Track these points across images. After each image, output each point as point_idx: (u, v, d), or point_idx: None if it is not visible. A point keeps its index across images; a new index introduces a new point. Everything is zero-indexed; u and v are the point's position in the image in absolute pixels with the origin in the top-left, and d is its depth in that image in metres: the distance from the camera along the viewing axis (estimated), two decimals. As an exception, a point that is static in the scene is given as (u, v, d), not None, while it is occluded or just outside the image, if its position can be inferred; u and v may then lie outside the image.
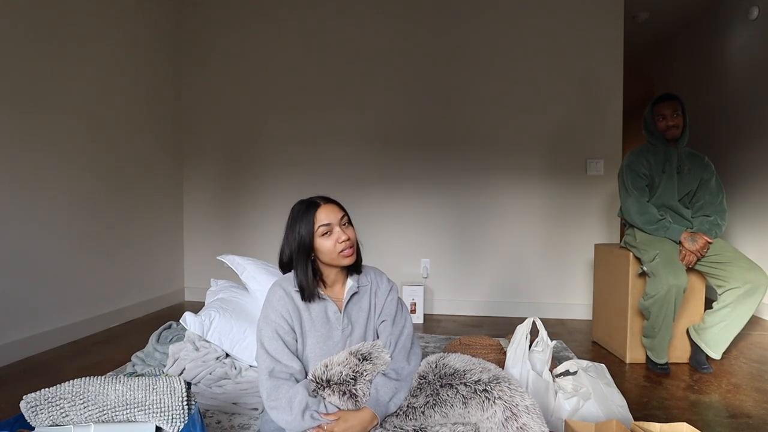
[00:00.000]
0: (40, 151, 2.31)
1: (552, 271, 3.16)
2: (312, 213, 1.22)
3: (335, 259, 1.22)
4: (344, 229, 1.23)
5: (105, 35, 2.73)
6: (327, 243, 1.21)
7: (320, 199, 1.25)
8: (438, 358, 1.22)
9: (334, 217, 1.22)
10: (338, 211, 1.24)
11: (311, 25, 3.33)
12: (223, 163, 3.47)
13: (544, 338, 1.44)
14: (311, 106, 3.35)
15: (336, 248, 1.21)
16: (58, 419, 1.04)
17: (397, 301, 1.33)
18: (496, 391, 1.08)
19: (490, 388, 1.09)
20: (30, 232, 2.25)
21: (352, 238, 1.24)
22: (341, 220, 1.23)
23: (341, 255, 1.21)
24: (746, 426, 1.57)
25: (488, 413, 1.07)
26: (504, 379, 1.11)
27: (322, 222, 1.21)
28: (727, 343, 2.03)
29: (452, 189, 3.23)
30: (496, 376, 1.12)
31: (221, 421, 1.54)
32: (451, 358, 1.20)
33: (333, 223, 1.21)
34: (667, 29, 4.32)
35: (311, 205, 1.24)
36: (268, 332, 1.20)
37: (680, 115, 2.16)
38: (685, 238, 2.05)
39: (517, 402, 1.06)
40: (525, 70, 3.14)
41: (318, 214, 1.22)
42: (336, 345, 1.24)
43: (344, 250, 1.21)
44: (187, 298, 3.55)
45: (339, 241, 1.21)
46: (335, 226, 1.22)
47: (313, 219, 1.21)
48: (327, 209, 1.23)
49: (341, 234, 1.21)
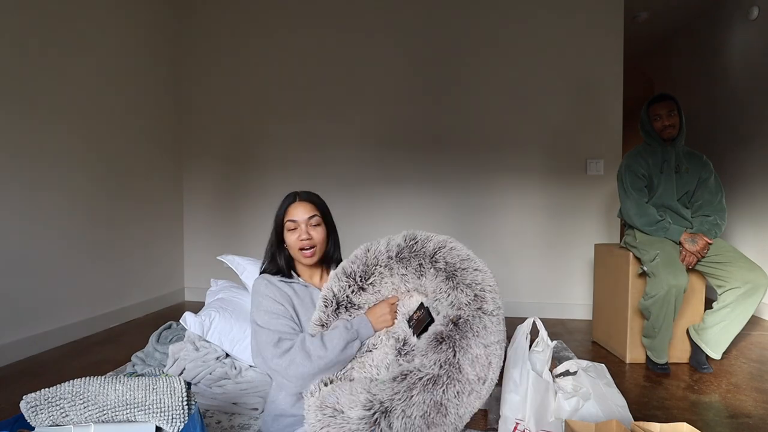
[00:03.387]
0: (41, 152, 2.31)
1: (552, 271, 3.16)
2: (285, 206, 1.30)
3: (296, 254, 1.29)
4: (310, 228, 1.27)
5: (105, 38, 2.73)
6: (291, 238, 1.29)
7: (299, 195, 1.31)
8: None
9: (301, 216, 1.27)
10: (309, 210, 1.29)
11: (311, 26, 3.33)
12: (223, 164, 3.47)
13: (544, 338, 1.44)
14: (311, 106, 3.35)
15: (296, 245, 1.27)
16: (58, 419, 1.04)
17: None
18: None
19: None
20: (30, 233, 2.25)
21: (315, 239, 1.28)
22: (309, 219, 1.28)
23: (301, 253, 1.28)
24: (746, 426, 1.57)
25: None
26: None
27: (289, 217, 1.29)
28: (727, 343, 2.03)
29: (452, 189, 3.23)
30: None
31: (221, 421, 1.54)
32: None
33: (299, 221, 1.27)
34: (667, 29, 4.32)
35: (289, 198, 1.31)
36: (263, 317, 1.21)
37: (676, 114, 2.16)
38: (685, 239, 2.05)
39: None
40: (525, 70, 3.14)
41: (289, 209, 1.29)
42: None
43: (303, 249, 1.27)
44: (187, 298, 3.55)
45: (299, 239, 1.26)
46: (301, 224, 1.27)
47: (284, 212, 1.29)
48: (298, 206, 1.29)
49: (303, 233, 1.26)
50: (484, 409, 1.48)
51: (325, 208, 1.34)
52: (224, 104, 3.45)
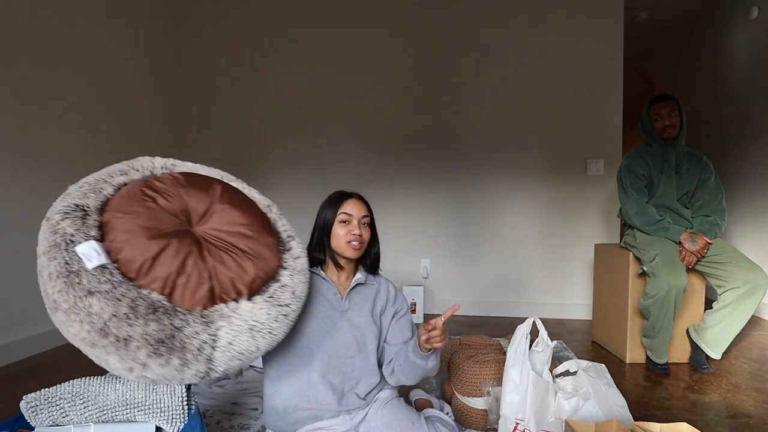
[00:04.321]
0: (40, 151, 2.31)
1: (552, 271, 3.16)
2: (340, 201, 1.35)
3: (342, 246, 1.32)
4: (362, 226, 1.33)
5: (105, 35, 2.73)
6: (341, 230, 1.32)
7: (353, 194, 1.37)
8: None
9: (356, 212, 1.33)
10: (364, 210, 1.35)
11: (312, 25, 3.33)
12: (223, 163, 3.42)
13: (544, 338, 1.44)
14: (312, 106, 3.35)
15: (346, 237, 1.30)
16: (58, 419, 1.04)
17: (407, 307, 1.46)
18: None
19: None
20: (30, 232, 2.23)
21: (365, 237, 1.33)
22: (363, 218, 1.34)
23: (348, 245, 1.31)
24: (746, 426, 1.57)
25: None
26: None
27: (345, 210, 1.33)
28: (727, 343, 2.03)
29: (452, 189, 3.23)
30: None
31: (221, 421, 1.54)
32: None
33: (354, 216, 1.33)
34: (667, 29, 4.32)
35: (343, 195, 1.36)
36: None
37: (676, 114, 2.16)
38: (685, 239, 2.05)
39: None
40: (525, 70, 3.14)
41: (345, 203, 1.34)
42: (334, 325, 1.30)
43: (352, 241, 1.31)
44: (187, 298, 3.54)
45: (351, 233, 1.31)
46: (354, 220, 1.32)
47: (339, 205, 1.34)
48: (354, 203, 1.34)
49: (356, 228, 1.31)
50: (484, 409, 1.48)
51: (373, 215, 1.40)
52: (225, 104, 3.45)
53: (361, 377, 1.29)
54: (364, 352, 1.31)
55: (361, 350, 1.30)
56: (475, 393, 1.49)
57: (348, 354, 1.29)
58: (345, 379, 1.27)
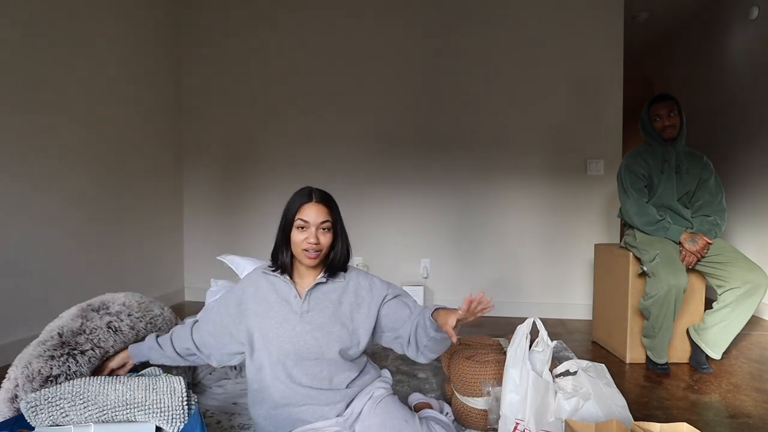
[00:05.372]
0: (39, 150, 2.30)
1: (552, 271, 3.16)
2: (299, 204, 1.27)
3: (299, 254, 1.27)
4: (320, 233, 1.26)
5: (105, 34, 2.73)
6: (298, 237, 1.26)
7: (315, 196, 1.28)
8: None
9: (314, 218, 1.25)
10: (323, 215, 1.26)
11: (312, 25, 3.33)
12: (223, 163, 3.47)
13: (544, 338, 1.44)
14: (311, 106, 3.35)
15: (302, 245, 1.25)
16: (58, 419, 1.04)
17: (392, 288, 1.39)
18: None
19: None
20: (29, 232, 2.25)
21: (322, 244, 1.26)
22: (321, 224, 1.26)
23: (303, 253, 1.25)
24: (746, 426, 1.57)
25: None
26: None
27: (301, 217, 1.25)
28: (727, 343, 2.03)
29: (452, 189, 3.23)
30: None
31: (221, 421, 1.54)
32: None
33: (311, 223, 1.25)
34: (667, 29, 4.32)
35: (303, 195, 1.28)
36: (207, 312, 1.42)
37: (676, 114, 2.16)
38: (685, 239, 2.05)
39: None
40: (525, 70, 3.14)
41: (302, 208, 1.26)
42: (293, 328, 1.25)
43: (308, 250, 1.25)
44: (187, 298, 3.55)
45: (307, 241, 1.24)
46: (311, 227, 1.25)
47: (296, 210, 1.26)
48: (313, 208, 1.26)
49: (312, 236, 1.24)
50: (484, 409, 1.48)
51: (338, 214, 1.32)
52: (224, 103, 3.45)
53: (333, 376, 1.25)
54: (330, 353, 1.24)
55: (325, 352, 1.24)
56: (475, 393, 1.49)
57: (311, 356, 1.24)
58: (315, 380, 1.24)
